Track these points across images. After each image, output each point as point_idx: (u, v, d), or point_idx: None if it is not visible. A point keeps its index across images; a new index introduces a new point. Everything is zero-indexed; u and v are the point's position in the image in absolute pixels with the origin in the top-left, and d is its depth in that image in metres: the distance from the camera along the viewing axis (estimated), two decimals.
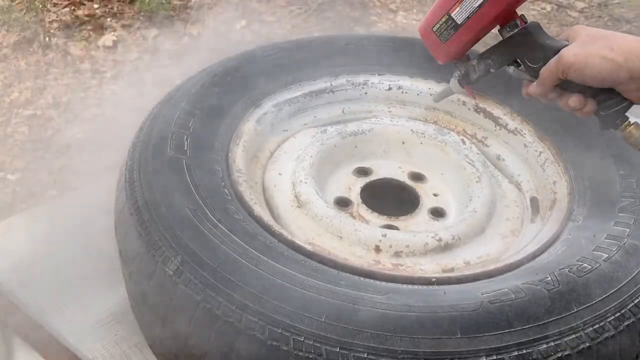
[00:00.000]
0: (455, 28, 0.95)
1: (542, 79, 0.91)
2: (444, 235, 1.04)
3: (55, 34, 3.18)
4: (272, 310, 0.81)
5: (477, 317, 0.80)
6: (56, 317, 1.14)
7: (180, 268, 0.87)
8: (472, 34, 0.95)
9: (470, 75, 1.00)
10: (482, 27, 0.94)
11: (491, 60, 0.97)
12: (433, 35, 0.97)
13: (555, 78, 0.89)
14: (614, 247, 0.92)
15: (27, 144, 2.63)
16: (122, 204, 1.00)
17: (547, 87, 0.91)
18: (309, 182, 1.12)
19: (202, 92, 1.17)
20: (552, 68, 0.88)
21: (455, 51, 0.98)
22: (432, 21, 0.97)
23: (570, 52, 0.86)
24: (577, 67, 0.85)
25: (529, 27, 0.93)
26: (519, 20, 0.93)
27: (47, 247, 1.28)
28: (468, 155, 1.21)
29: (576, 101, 0.89)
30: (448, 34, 0.96)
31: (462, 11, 0.93)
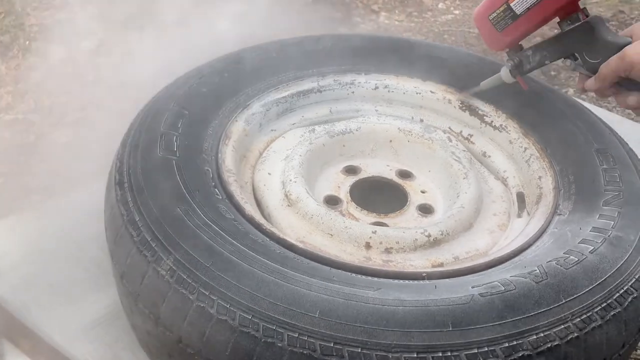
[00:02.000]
0: (513, 18, 0.93)
1: (602, 75, 0.89)
2: (433, 231, 1.06)
3: (35, 38, 3.16)
4: (265, 308, 0.81)
5: (468, 310, 0.82)
6: (46, 320, 1.13)
7: (174, 268, 0.87)
8: (531, 25, 0.93)
9: (524, 65, 0.99)
10: (542, 19, 0.92)
11: (547, 52, 0.95)
12: (489, 24, 0.96)
13: (615, 76, 0.88)
14: (599, 239, 0.94)
15: (9, 149, 2.60)
16: (112, 205, 1.00)
17: (606, 84, 0.90)
18: (299, 181, 1.13)
19: (190, 92, 1.17)
20: (613, 66, 0.87)
21: (510, 41, 0.97)
22: (489, 9, 0.95)
23: (635, 51, 0.84)
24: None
25: (591, 22, 0.91)
26: (580, 13, 0.91)
27: (36, 250, 1.27)
28: (455, 153, 1.23)
29: (635, 100, 0.89)
30: (505, 24, 0.94)
31: (522, 2, 0.91)
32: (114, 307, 1.15)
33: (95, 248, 1.27)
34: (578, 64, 0.93)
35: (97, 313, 1.15)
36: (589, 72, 0.93)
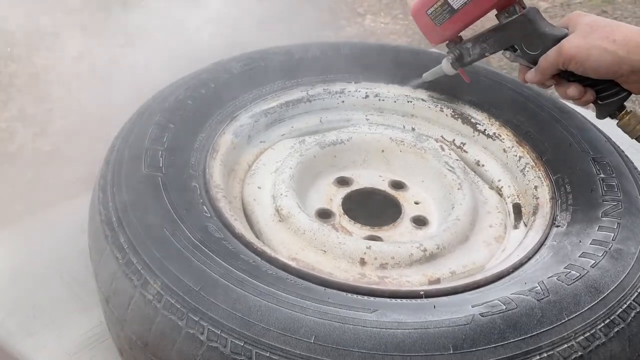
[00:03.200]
0: (451, 12, 0.93)
1: (541, 68, 0.89)
2: (429, 245, 1.03)
3: (17, 45, 3.09)
4: (258, 334, 0.78)
5: (469, 331, 0.79)
6: (29, 344, 1.09)
7: (161, 292, 0.83)
8: (469, 18, 0.94)
9: (465, 57, 0.99)
10: (479, 12, 0.93)
11: (487, 44, 0.95)
12: (427, 18, 0.96)
13: (554, 68, 0.88)
14: (599, 252, 0.92)
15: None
16: (96, 225, 0.96)
17: (545, 76, 0.90)
18: (290, 195, 1.09)
19: (175, 105, 1.13)
20: (552, 59, 0.87)
21: (449, 34, 0.97)
22: (426, 4, 0.95)
23: (572, 44, 0.84)
24: (578, 59, 0.84)
25: (528, 13, 0.91)
26: (517, 5, 0.91)
27: (18, 269, 1.23)
28: (448, 162, 1.20)
29: (575, 91, 0.89)
30: (443, 18, 0.94)
31: None
32: (99, 330, 1.11)
33: (79, 266, 1.23)
34: (518, 55, 0.93)
35: (81, 336, 1.11)
36: (529, 64, 0.93)
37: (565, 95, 0.91)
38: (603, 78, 0.86)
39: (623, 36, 0.82)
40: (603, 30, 0.83)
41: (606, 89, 0.88)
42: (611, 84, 0.87)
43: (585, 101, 0.90)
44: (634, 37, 0.81)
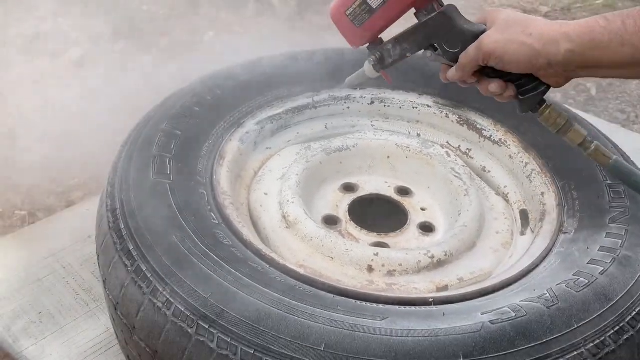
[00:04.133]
0: (370, 12, 0.91)
1: (462, 65, 0.89)
2: (437, 252, 1.03)
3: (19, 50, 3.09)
4: (269, 341, 0.78)
5: (479, 339, 0.79)
6: (36, 351, 1.09)
7: (170, 300, 0.83)
8: (388, 17, 0.91)
9: (386, 59, 0.96)
10: (398, 11, 0.91)
11: (407, 44, 0.93)
12: (346, 19, 0.93)
13: (475, 65, 0.87)
14: (608, 259, 0.92)
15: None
16: (104, 233, 0.96)
17: (466, 73, 0.89)
18: (297, 201, 1.09)
19: (182, 112, 1.13)
20: (472, 55, 0.87)
21: (369, 36, 0.94)
22: (344, 4, 0.92)
23: (491, 40, 0.84)
24: (497, 54, 0.84)
25: (446, 11, 0.89)
26: (435, 3, 0.90)
27: (23, 276, 1.23)
28: (454, 169, 1.20)
29: (496, 87, 0.88)
30: (362, 18, 0.91)
31: None
32: (106, 336, 1.12)
33: (84, 273, 1.24)
34: (438, 54, 0.91)
35: (88, 343, 1.11)
36: (450, 62, 0.91)
37: (487, 91, 0.90)
38: (522, 72, 0.85)
39: (539, 30, 0.81)
40: (520, 25, 0.83)
41: (526, 83, 0.87)
42: (530, 78, 0.86)
43: (506, 97, 0.90)
44: (549, 30, 0.81)
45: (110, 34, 3.28)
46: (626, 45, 0.76)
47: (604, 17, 0.78)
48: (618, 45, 0.76)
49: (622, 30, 0.76)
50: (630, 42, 0.75)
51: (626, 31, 0.75)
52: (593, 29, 0.78)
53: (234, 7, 3.63)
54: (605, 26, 0.77)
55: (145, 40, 3.35)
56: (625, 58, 0.77)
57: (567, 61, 0.80)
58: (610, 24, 0.77)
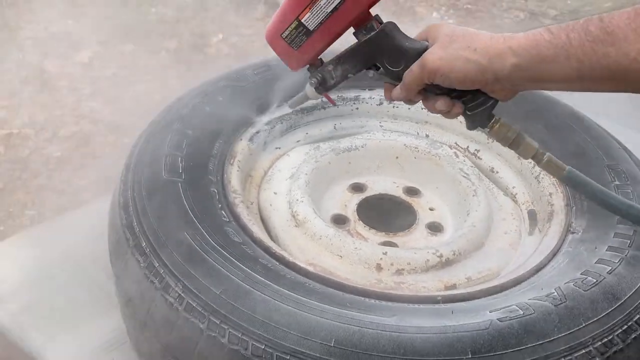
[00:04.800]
0: (307, 34, 0.87)
1: (406, 84, 0.86)
2: (445, 251, 1.04)
3: (29, 51, 3.12)
4: (279, 337, 0.79)
5: (487, 336, 0.79)
6: (50, 348, 1.11)
7: (182, 295, 0.84)
8: (327, 39, 0.88)
9: (328, 81, 0.92)
10: (336, 31, 0.87)
11: (348, 65, 0.89)
12: (283, 42, 0.89)
13: (420, 83, 0.84)
14: (616, 259, 0.92)
15: (3, 163, 2.57)
16: (117, 230, 0.97)
17: (412, 92, 0.86)
18: (306, 200, 1.11)
19: (193, 112, 1.15)
20: (416, 73, 0.84)
21: (308, 58, 0.91)
22: (280, 27, 0.88)
23: (435, 57, 0.81)
24: (443, 72, 0.81)
25: (386, 29, 0.86)
26: (374, 22, 0.86)
27: (36, 273, 1.24)
28: (462, 169, 1.21)
29: (443, 104, 0.85)
30: (300, 41, 0.88)
31: (313, 16, 0.85)
32: (118, 332, 1.12)
33: (97, 269, 1.25)
34: (381, 73, 0.88)
35: (100, 338, 1.12)
36: (393, 81, 0.88)
37: (434, 109, 0.87)
38: (469, 88, 0.82)
39: (483, 44, 0.79)
40: (463, 40, 0.80)
41: (473, 99, 0.84)
42: (478, 93, 0.84)
43: (454, 114, 0.87)
44: (494, 44, 0.78)
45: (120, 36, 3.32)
46: (572, 60, 0.73)
47: (548, 30, 0.76)
48: (564, 60, 0.74)
49: (567, 45, 0.73)
50: (576, 56, 0.73)
51: (571, 45, 0.73)
52: (538, 43, 0.75)
53: (243, 9, 3.66)
54: (550, 40, 0.75)
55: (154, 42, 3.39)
56: (572, 73, 0.74)
57: (514, 75, 0.78)
58: (555, 37, 0.74)
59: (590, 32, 0.71)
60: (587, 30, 0.72)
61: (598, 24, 0.71)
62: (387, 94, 0.91)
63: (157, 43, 3.38)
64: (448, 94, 0.85)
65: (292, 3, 0.86)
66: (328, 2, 0.83)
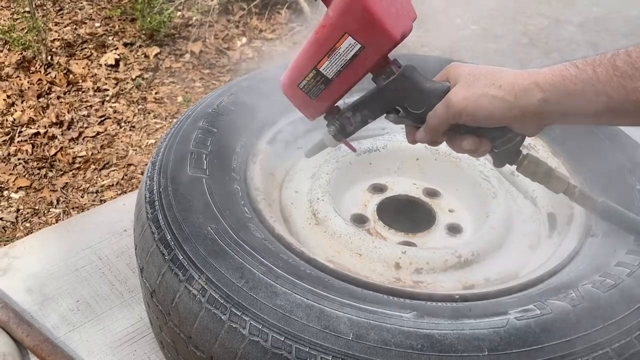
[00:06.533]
0: (325, 83, 0.85)
1: (431, 125, 0.84)
2: (464, 252, 1.04)
3: (57, 53, 3.20)
4: (298, 329, 0.81)
5: (504, 334, 0.80)
6: (73, 337, 1.14)
7: (205, 287, 0.86)
8: (345, 86, 0.86)
9: (347, 128, 0.91)
10: (355, 78, 0.85)
11: (368, 111, 0.88)
12: (300, 93, 0.87)
13: (445, 124, 0.83)
14: (636, 262, 0.92)
15: (30, 162, 2.63)
16: (143, 224, 1.00)
17: (437, 134, 0.85)
18: (326, 199, 1.12)
19: (219, 110, 1.17)
20: (441, 115, 0.82)
21: (327, 106, 0.89)
22: (297, 77, 0.87)
23: (459, 97, 0.80)
24: (469, 111, 0.80)
25: (406, 73, 0.84)
26: (393, 66, 0.84)
27: (63, 266, 1.28)
28: (483, 171, 1.22)
29: (470, 143, 0.84)
30: (318, 90, 0.86)
31: (331, 65, 0.83)
32: (140, 325, 1.15)
33: (121, 264, 1.28)
34: (402, 116, 0.86)
35: (123, 331, 1.15)
36: (415, 124, 0.86)
37: (461, 149, 0.85)
38: (496, 125, 0.81)
39: (507, 81, 0.78)
40: (487, 78, 0.79)
41: (500, 136, 0.83)
42: (503, 130, 0.82)
43: (482, 152, 0.85)
44: (519, 80, 0.77)
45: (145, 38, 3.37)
46: (600, 95, 0.73)
47: (574, 65, 0.75)
48: (592, 95, 0.73)
49: (595, 79, 0.73)
50: (604, 91, 0.72)
51: (598, 80, 0.73)
52: (564, 78, 0.75)
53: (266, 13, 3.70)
54: (576, 75, 0.74)
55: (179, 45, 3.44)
56: (600, 107, 0.74)
57: (541, 110, 0.77)
58: (582, 72, 0.74)
59: (617, 67, 0.71)
60: (615, 65, 0.71)
61: (626, 59, 0.71)
62: (410, 137, 0.89)
63: (181, 46, 3.44)
64: (474, 133, 0.83)
65: (310, 52, 0.84)
66: (347, 50, 0.81)
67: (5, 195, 2.52)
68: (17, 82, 3.06)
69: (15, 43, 3.12)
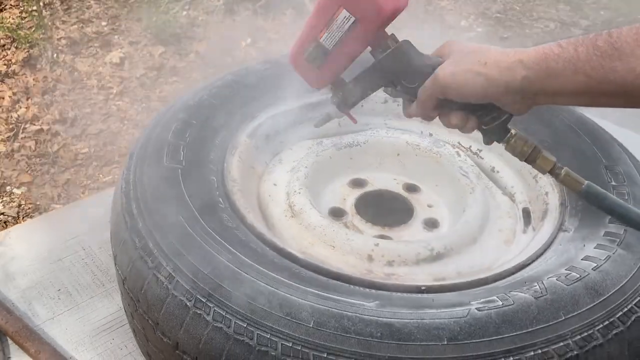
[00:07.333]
0: (325, 54, 0.90)
1: (421, 100, 0.87)
2: (436, 245, 1.05)
3: (63, 51, 3.23)
4: (261, 316, 0.82)
5: (464, 324, 0.81)
6: (53, 326, 1.15)
7: (172, 275, 0.88)
8: (344, 59, 0.91)
9: (348, 99, 0.96)
10: (353, 51, 0.89)
11: (367, 83, 0.92)
12: (304, 63, 0.93)
13: (434, 98, 0.86)
14: (603, 256, 0.92)
15: (33, 158, 2.66)
16: (118, 212, 1.01)
17: (427, 108, 0.88)
18: (303, 192, 1.13)
19: (199, 104, 1.19)
20: (429, 89, 0.85)
21: (329, 76, 0.94)
22: (301, 48, 0.92)
23: (446, 72, 0.83)
24: (454, 86, 0.82)
25: (401, 47, 0.88)
26: (390, 40, 0.88)
27: (46, 255, 1.30)
28: (462, 167, 1.22)
29: (457, 119, 0.86)
30: (320, 61, 0.91)
31: (330, 37, 0.88)
32: (120, 314, 1.17)
33: (103, 255, 1.30)
34: (399, 90, 0.90)
35: (102, 319, 1.17)
36: (411, 97, 0.89)
37: (449, 124, 0.87)
38: (481, 102, 0.83)
39: (493, 58, 0.79)
40: (474, 55, 0.81)
41: (487, 113, 0.85)
42: (491, 108, 0.84)
43: (469, 128, 0.87)
44: (504, 58, 0.79)
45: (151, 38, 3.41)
46: (579, 74, 0.74)
47: (558, 44, 0.77)
48: (571, 74, 0.74)
49: (575, 58, 0.74)
50: (583, 69, 0.73)
51: (579, 59, 0.73)
52: (547, 56, 0.76)
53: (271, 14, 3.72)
54: (558, 53, 0.75)
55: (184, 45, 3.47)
56: (580, 86, 0.75)
57: (524, 88, 0.78)
58: (564, 51, 0.75)
59: (598, 47, 0.72)
60: (595, 44, 0.72)
61: (606, 39, 0.71)
62: (406, 111, 0.92)
63: (186, 46, 3.47)
64: (462, 109, 0.86)
65: (311, 24, 0.90)
66: (343, 22, 0.86)
67: (8, 191, 2.55)
68: (23, 79, 3.10)
69: (22, 41, 3.16)
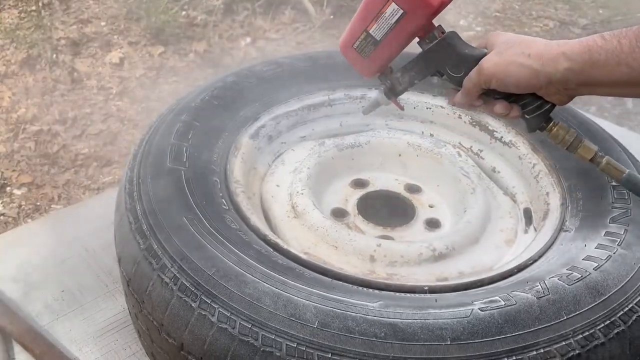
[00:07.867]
0: (375, 44, 0.94)
1: (466, 89, 0.91)
2: (438, 246, 1.06)
3: (62, 51, 3.24)
4: (265, 317, 0.82)
5: (467, 324, 0.81)
6: (56, 326, 1.16)
7: (177, 276, 0.88)
8: (392, 48, 0.95)
9: (396, 87, 1.00)
10: (401, 41, 0.94)
11: (414, 72, 0.96)
12: (354, 52, 0.97)
13: (478, 88, 0.89)
14: (604, 256, 0.93)
15: (33, 159, 2.66)
16: (121, 213, 1.02)
17: (472, 97, 0.91)
18: (306, 193, 1.14)
19: (202, 105, 1.19)
20: (474, 79, 0.89)
21: (378, 65, 0.98)
22: (351, 38, 0.96)
23: (491, 62, 0.86)
24: (498, 76, 0.85)
25: (447, 38, 0.92)
26: (437, 31, 0.92)
27: (50, 256, 1.30)
28: (463, 168, 1.23)
29: (501, 108, 0.90)
30: (369, 50, 0.95)
31: (379, 27, 0.93)
32: (123, 315, 1.17)
33: (107, 256, 1.30)
34: (444, 79, 0.94)
35: (105, 321, 1.17)
36: (456, 87, 0.93)
37: (493, 112, 0.91)
38: (524, 92, 0.86)
39: (537, 50, 0.83)
40: (518, 47, 0.84)
41: (530, 102, 0.88)
42: (534, 97, 0.88)
43: (513, 117, 0.91)
44: (548, 50, 0.82)
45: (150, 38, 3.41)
46: (622, 65, 0.76)
47: (601, 36, 0.79)
48: (614, 65, 0.77)
49: (618, 50, 0.76)
50: (626, 61, 0.76)
51: (622, 51, 0.76)
52: (590, 48, 0.79)
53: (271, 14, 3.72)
54: (602, 45, 0.78)
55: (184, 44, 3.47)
56: (622, 77, 0.77)
57: (566, 79, 0.81)
58: (607, 43, 0.78)
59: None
60: (638, 36, 0.74)
61: None
62: (451, 99, 0.96)
63: (186, 45, 3.47)
64: (506, 99, 0.90)
65: (362, 15, 0.94)
66: (392, 15, 0.91)
67: (8, 192, 2.56)
68: (23, 79, 3.10)
69: (22, 41, 3.16)
